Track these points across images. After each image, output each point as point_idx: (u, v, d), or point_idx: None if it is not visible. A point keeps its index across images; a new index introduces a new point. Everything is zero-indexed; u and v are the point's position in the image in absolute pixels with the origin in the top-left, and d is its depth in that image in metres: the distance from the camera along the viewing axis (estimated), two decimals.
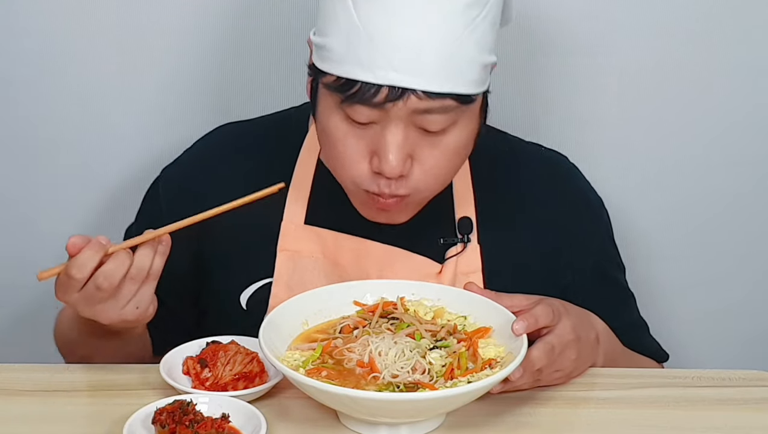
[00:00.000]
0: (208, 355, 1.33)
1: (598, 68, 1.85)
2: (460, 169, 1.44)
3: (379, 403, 1.17)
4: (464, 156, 1.42)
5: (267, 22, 1.81)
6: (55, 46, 1.80)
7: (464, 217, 1.52)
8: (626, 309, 1.62)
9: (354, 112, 1.33)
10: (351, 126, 1.35)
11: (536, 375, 1.29)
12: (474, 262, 1.51)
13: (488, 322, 1.32)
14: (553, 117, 1.87)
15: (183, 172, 1.57)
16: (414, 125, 1.33)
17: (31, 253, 1.90)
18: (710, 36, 1.83)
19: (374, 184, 1.37)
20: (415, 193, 1.39)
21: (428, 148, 1.36)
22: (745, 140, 1.89)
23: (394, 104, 1.30)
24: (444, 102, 1.32)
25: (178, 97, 1.84)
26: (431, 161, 1.36)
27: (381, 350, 1.26)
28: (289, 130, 1.55)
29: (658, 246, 1.93)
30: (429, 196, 1.43)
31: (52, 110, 1.84)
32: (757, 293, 1.96)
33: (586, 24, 1.82)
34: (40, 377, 1.36)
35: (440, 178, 1.40)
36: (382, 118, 1.32)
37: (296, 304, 1.35)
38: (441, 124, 1.34)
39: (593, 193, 1.64)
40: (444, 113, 1.33)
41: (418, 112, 1.32)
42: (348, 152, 1.36)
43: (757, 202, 1.92)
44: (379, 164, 1.34)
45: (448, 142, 1.36)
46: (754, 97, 1.86)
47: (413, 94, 1.30)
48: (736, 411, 1.32)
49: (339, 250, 1.49)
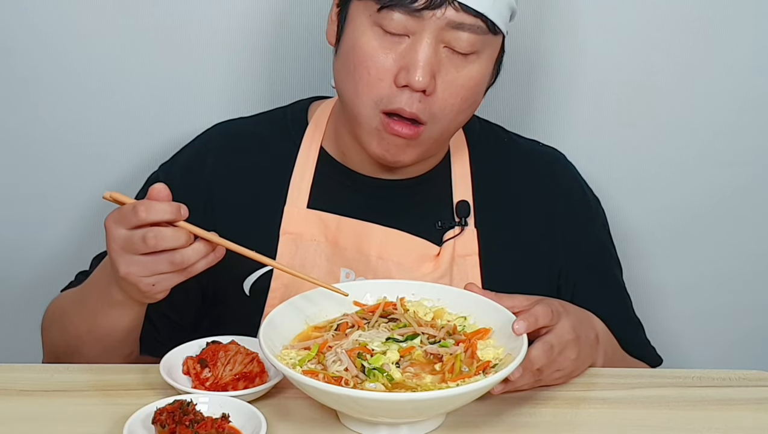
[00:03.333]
0: (208, 355, 1.33)
1: (597, 68, 1.85)
2: (465, 118, 1.48)
3: (379, 403, 1.17)
4: (475, 98, 1.47)
5: (270, 20, 1.81)
6: (57, 43, 1.80)
7: (462, 200, 1.55)
8: (622, 306, 1.64)
9: (389, 21, 1.38)
10: (382, 39, 1.40)
11: (536, 374, 1.29)
12: (471, 245, 1.54)
13: (488, 322, 1.32)
14: (550, 115, 1.87)
15: (183, 167, 1.58)
16: (444, 43, 1.40)
17: (28, 252, 1.90)
18: (708, 35, 1.83)
19: (396, 100, 1.41)
20: (429, 122, 1.43)
21: (452, 71, 1.41)
22: (742, 139, 1.89)
23: (432, 13, 1.37)
24: (476, 21, 1.39)
25: (179, 96, 1.84)
26: (452, 88, 1.42)
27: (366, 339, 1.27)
28: (288, 124, 1.58)
29: (657, 246, 1.93)
30: (435, 137, 1.46)
31: (52, 107, 1.84)
32: (757, 293, 1.96)
33: (585, 24, 1.82)
34: (40, 377, 1.36)
35: (455, 108, 1.44)
36: (416, 29, 1.38)
37: (296, 304, 1.35)
38: (469, 46, 1.40)
39: (589, 191, 1.67)
40: (474, 33, 1.40)
41: (452, 26, 1.38)
42: (376, 67, 1.41)
43: (756, 201, 1.92)
44: (407, 75, 1.39)
45: (470, 70, 1.42)
46: (751, 95, 1.87)
47: (450, 5, 1.37)
48: (736, 411, 1.33)
49: (340, 233, 1.51)
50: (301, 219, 1.52)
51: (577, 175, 1.66)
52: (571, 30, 1.83)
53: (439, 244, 1.53)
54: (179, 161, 1.60)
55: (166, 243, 1.24)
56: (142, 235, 1.24)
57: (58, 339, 1.50)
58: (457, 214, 1.55)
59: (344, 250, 1.51)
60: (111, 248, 1.28)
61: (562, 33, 1.83)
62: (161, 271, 1.27)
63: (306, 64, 1.81)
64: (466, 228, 1.54)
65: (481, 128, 1.63)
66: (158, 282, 1.28)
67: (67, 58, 1.80)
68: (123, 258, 1.27)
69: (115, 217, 1.27)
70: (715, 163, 1.90)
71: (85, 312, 1.43)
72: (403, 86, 1.40)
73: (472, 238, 1.54)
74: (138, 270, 1.27)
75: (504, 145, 1.63)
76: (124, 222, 1.26)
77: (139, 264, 1.27)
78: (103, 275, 1.38)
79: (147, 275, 1.27)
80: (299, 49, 1.81)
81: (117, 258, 1.28)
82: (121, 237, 1.26)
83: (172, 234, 1.25)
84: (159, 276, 1.28)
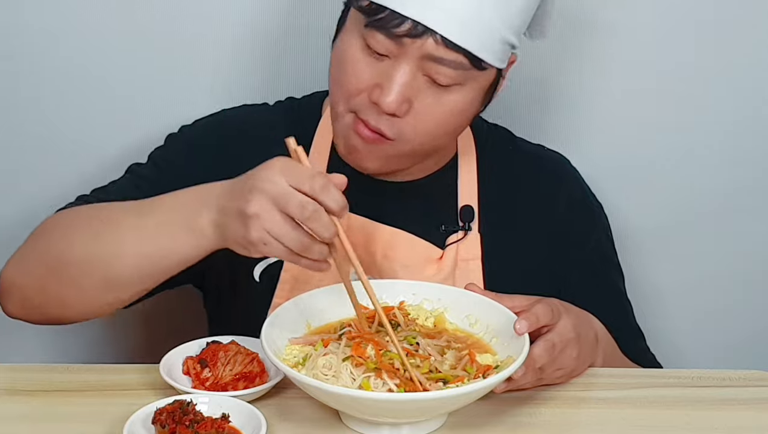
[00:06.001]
0: (208, 355, 1.33)
1: (598, 68, 1.85)
2: (443, 141, 1.47)
3: (381, 403, 1.17)
4: (456, 124, 1.45)
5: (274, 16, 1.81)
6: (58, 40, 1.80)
7: (466, 205, 1.55)
8: (622, 313, 1.63)
9: (373, 40, 1.37)
10: (366, 55, 1.39)
11: (538, 373, 1.29)
12: (474, 250, 1.54)
13: (489, 322, 1.33)
14: (552, 119, 1.87)
15: (207, 129, 1.59)
16: (423, 72, 1.37)
17: None
18: (710, 37, 1.83)
19: (367, 112, 1.40)
20: (397, 140, 1.41)
21: (429, 99, 1.39)
22: (744, 141, 1.89)
23: (413, 41, 1.35)
24: (458, 57, 1.35)
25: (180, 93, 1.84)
26: (426, 114, 1.40)
27: None
28: (303, 115, 1.58)
29: (658, 246, 1.93)
30: (406, 153, 1.45)
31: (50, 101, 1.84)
32: (757, 293, 1.96)
33: (585, 24, 1.82)
34: (40, 377, 1.35)
35: (427, 134, 1.42)
36: (397, 53, 1.37)
37: (297, 305, 1.35)
38: (448, 79, 1.38)
39: (593, 197, 1.67)
40: (454, 69, 1.36)
41: (432, 59, 1.36)
42: (354, 76, 1.40)
43: (757, 203, 1.92)
44: (380, 95, 1.38)
45: (448, 100, 1.40)
46: (754, 96, 1.86)
47: (432, 37, 1.34)
48: (736, 411, 1.33)
49: (348, 230, 1.49)
50: None
51: (581, 180, 1.67)
52: (571, 30, 1.83)
53: (443, 247, 1.53)
54: (199, 123, 1.61)
55: (316, 226, 1.20)
56: (302, 201, 1.18)
57: (54, 250, 1.38)
58: (461, 219, 1.55)
59: (354, 247, 1.50)
60: (258, 186, 1.20)
61: (563, 33, 1.82)
62: (284, 239, 1.20)
63: (310, 60, 1.80)
64: (469, 232, 1.54)
65: (488, 131, 1.63)
66: (269, 244, 1.21)
67: (67, 55, 1.80)
68: (264, 200, 1.19)
69: (285, 166, 1.21)
70: (718, 165, 1.89)
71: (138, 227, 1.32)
72: (375, 103, 1.39)
73: (476, 243, 1.54)
74: (267, 220, 1.19)
75: (510, 151, 1.63)
76: (293, 178, 1.19)
77: (273, 218, 1.19)
78: (193, 198, 1.29)
79: (269, 231, 1.20)
80: (304, 46, 1.81)
81: (258, 196, 1.20)
82: (280, 186, 1.19)
83: (328, 222, 1.20)
84: (276, 243, 1.21)
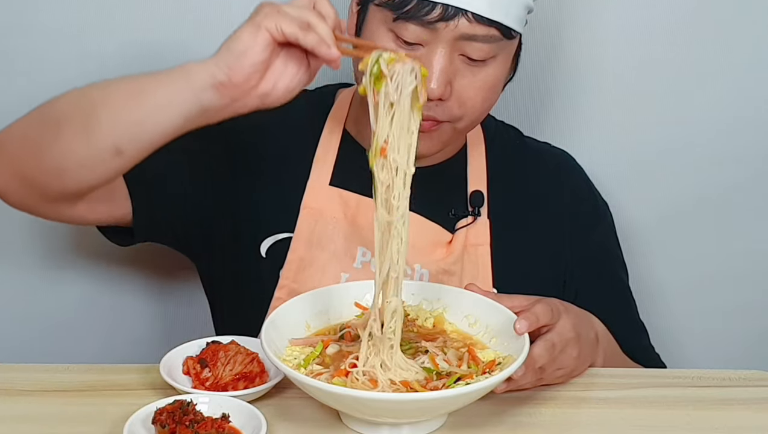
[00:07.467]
0: (208, 355, 1.33)
1: (599, 67, 1.85)
2: (489, 109, 1.49)
3: (381, 403, 1.17)
4: (496, 94, 1.48)
5: None
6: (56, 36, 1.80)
7: (476, 190, 1.57)
8: (626, 308, 1.64)
9: (404, 31, 1.38)
10: (398, 47, 1.40)
11: (539, 373, 1.29)
12: (483, 235, 1.55)
13: (489, 322, 1.33)
14: (554, 115, 1.87)
15: None
16: (459, 52, 1.40)
17: (28, 251, 1.90)
18: (710, 35, 1.83)
19: None
20: (451, 121, 1.44)
21: (469, 76, 1.42)
22: (745, 139, 1.89)
23: (446, 24, 1.37)
24: (490, 30, 1.38)
25: None
26: (469, 91, 1.43)
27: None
28: (316, 104, 1.60)
29: (659, 245, 1.93)
30: (461, 130, 1.48)
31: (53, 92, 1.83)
32: (757, 293, 1.96)
33: (585, 24, 1.82)
34: (40, 377, 1.35)
35: (476, 107, 1.45)
36: (431, 39, 1.38)
37: (297, 305, 1.35)
38: (483, 53, 1.41)
39: (597, 193, 1.69)
40: (488, 42, 1.40)
41: (465, 37, 1.38)
42: None
43: (758, 201, 1.92)
44: None
45: (486, 73, 1.43)
46: (755, 94, 1.86)
47: (464, 16, 1.36)
48: (736, 411, 1.33)
49: (360, 212, 1.52)
50: (322, 195, 1.53)
51: (585, 177, 1.69)
52: (571, 30, 1.83)
53: (452, 232, 1.55)
54: None
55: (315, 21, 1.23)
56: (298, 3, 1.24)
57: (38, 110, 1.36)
58: (471, 204, 1.56)
59: (362, 229, 1.52)
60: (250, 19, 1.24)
61: (563, 33, 1.83)
62: (293, 13, 1.23)
63: None
64: (479, 218, 1.56)
65: (497, 127, 1.65)
66: (280, 19, 1.22)
67: (67, 55, 1.80)
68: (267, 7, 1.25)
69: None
70: (720, 164, 1.89)
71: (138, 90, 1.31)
72: None
73: (485, 228, 1.55)
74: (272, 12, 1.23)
75: (518, 145, 1.66)
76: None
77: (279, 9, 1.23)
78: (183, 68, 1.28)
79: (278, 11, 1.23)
80: None
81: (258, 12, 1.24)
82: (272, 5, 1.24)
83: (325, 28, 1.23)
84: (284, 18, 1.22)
